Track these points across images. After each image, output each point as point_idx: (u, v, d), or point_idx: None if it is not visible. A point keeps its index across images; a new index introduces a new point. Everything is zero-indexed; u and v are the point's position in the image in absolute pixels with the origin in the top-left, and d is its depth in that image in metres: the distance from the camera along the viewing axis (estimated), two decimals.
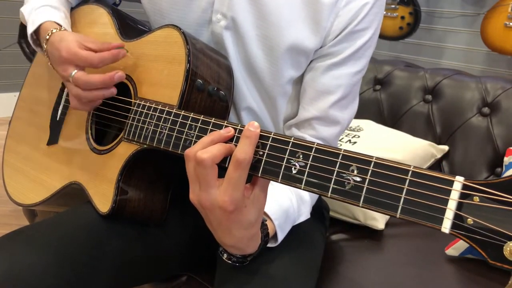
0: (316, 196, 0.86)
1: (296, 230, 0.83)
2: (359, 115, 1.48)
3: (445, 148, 1.41)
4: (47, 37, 0.83)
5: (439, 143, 1.42)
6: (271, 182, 0.59)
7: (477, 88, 1.42)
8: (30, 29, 0.87)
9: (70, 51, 0.78)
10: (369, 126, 1.46)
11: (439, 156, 1.39)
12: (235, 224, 0.59)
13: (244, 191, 0.57)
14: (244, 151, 0.55)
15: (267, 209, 0.71)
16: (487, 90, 1.40)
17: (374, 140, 1.38)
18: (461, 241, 1.01)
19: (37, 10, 0.89)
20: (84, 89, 0.77)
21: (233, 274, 0.74)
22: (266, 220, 0.70)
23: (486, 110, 1.38)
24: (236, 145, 0.57)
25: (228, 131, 0.59)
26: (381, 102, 1.56)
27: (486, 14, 2.58)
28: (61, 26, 0.86)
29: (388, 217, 1.22)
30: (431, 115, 1.46)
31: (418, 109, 1.49)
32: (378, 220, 1.16)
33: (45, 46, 0.84)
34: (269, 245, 0.72)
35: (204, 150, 0.56)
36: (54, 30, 0.83)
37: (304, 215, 0.81)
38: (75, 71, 0.78)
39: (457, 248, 1.03)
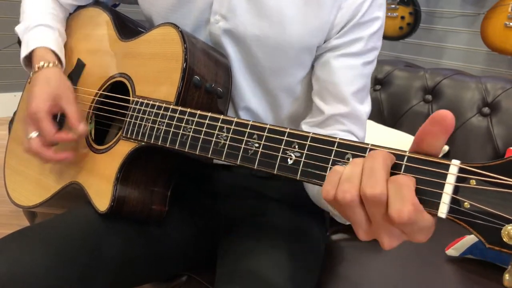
0: None
1: (296, 230, 0.83)
2: None
3: (445, 148, 1.40)
4: (36, 69, 0.84)
5: None
6: None
7: (477, 88, 1.42)
8: (23, 53, 0.87)
9: (37, 114, 0.78)
10: (369, 126, 1.45)
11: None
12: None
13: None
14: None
15: None
16: (487, 90, 1.40)
17: (374, 140, 1.37)
18: (461, 241, 1.01)
19: (31, 31, 0.88)
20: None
21: (233, 273, 0.74)
22: None
23: (486, 110, 1.38)
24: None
25: (392, 157, 0.47)
26: (381, 102, 1.56)
27: (486, 14, 2.58)
28: (53, 52, 0.86)
29: None
30: None
31: (418, 109, 1.49)
32: None
33: (31, 77, 0.84)
34: None
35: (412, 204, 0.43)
36: (44, 64, 0.83)
37: None
38: (34, 134, 0.79)
39: (457, 248, 1.03)
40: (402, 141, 1.39)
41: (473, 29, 2.88)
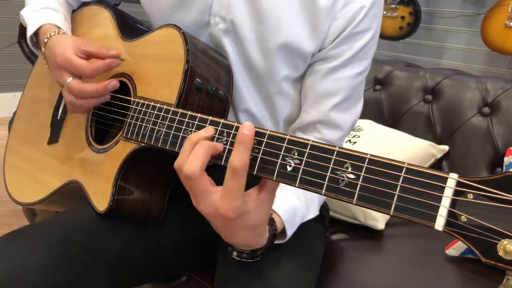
0: None
1: (296, 230, 0.83)
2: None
3: (445, 148, 1.40)
4: (46, 40, 0.83)
5: (439, 143, 1.42)
6: None
7: (477, 88, 1.41)
8: (29, 31, 0.88)
9: (65, 57, 0.78)
10: (369, 126, 1.46)
11: (439, 156, 1.39)
12: (240, 228, 0.58)
13: (244, 197, 0.56)
14: (239, 158, 0.53)
15: (273, 205, 0.70)
16: (487, 90, 1.40)
17: (374, 140, 1.37)
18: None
19: (37, 13, 0.89)
20: (78, 97, 0.78)
21: (233, 274, 0.74)
22: (271, 214, 0.69)
23: (486, 110, 1.38)
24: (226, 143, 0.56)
25: (207, 131, 0.58)
26: (381, 102, 1.56)
27: (486, 14, 2.58)
28: (60, 28, 0.86)
29: (388, 217, 1.22)
30: (431, 115, 1.46)
31: (418, 109, 1.49)
32: (378, 220, 1.16)
33: (43, 49, 0.84)
34: (278, 241, 0.72)
35: (188, 163, 0.55)
36: (52, 33, 0.84)
37: (313, 211, 0.81)
38: (70, 79, 0.78)
39: (457, 248, 1.03)
40: (402, 141, 1.39)
41: (473, 29, 2.88)
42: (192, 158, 0.56)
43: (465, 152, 1.37)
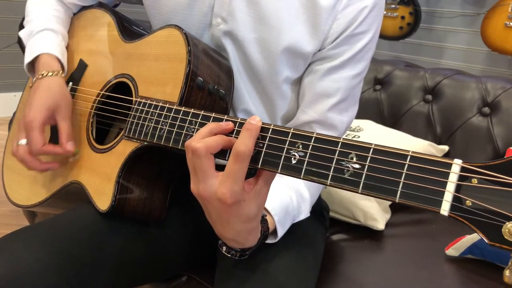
0: (316, 195, 0.86)
1: (297, 230, 0.83)
2: (359, 115, 1.48)
3: (445, 148, 1.41)
4: (40, 76, 0.84)
5: (439, 143, 1.42)
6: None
7: (477, 88, 1.42)
8: (26, 59, 0.88)
9: (30, 125, 0.80)
10: (369, 126, 1.46)
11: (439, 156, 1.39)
12: (233, 217, 0.58)
13: (243, 184, 0.56)
14: (244, 143, 0.54)
15: (267, 204, 0.71)
16: (487, 90, 1.40)
17: (374, 140, 1.37)
18: (461, 241, 1.01)
19: (35, 36, 0.89)
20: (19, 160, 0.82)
21: (233, 272, 0.74)
22: (265, 215, 0.70)
23: (486, 110, 1.38)
24: (237, 138, 0.56)
25: (227, 124, 0.59)
26: (381, 102, 1.56)
27: (486, 14, 2.58)
28: (57, 59, 0.87)
29: (388, 217, 1.22)
30: (431, 115, 1.46)
31: (418, 109, 1.49)
32: (378, 221, 1.16)
33: (33, 82, 0.85)
34: (268, 241, 0.72)
35: (199, 140, 0.56)
36: (47, 73, 0.85)
37: (304, 213, 0.81)
38: (23, 142, 0.81)
39: (457, 248, 1.03)
40: (402, 141, 1.39)
41: (473, 29, 2.88)
42: (206, 139, 0.56)
43: (465, 152, 1.38)
